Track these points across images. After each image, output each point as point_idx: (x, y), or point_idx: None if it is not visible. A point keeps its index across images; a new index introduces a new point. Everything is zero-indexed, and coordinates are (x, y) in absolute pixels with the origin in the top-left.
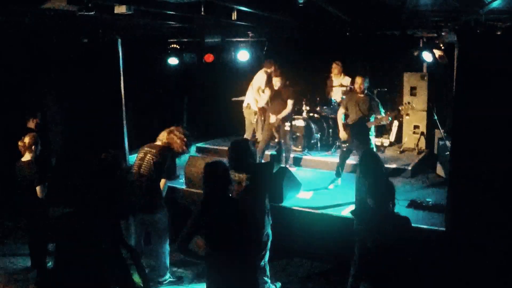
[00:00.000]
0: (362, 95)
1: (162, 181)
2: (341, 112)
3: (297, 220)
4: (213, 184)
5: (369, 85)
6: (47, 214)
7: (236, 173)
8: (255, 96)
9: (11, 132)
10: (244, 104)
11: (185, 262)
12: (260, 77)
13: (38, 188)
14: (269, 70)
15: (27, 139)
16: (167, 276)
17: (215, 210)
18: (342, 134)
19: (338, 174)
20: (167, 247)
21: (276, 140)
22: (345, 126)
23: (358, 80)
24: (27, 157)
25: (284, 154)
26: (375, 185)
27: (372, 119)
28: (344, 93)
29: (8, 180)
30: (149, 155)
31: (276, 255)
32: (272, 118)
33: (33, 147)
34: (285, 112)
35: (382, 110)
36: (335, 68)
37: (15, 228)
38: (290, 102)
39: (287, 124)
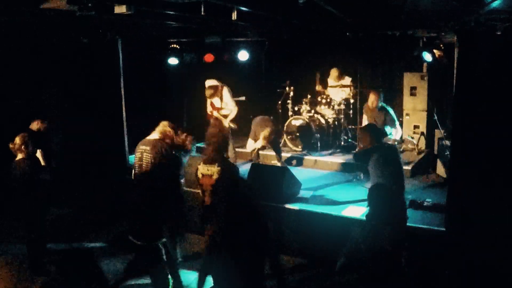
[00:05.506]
0: (376, 110)
1: None
2: (364, 119)
3: (297, 220)
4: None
5: (383, 99)
6: (46, 214)
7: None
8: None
9: (11, 132)
10: None
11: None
12: None
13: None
14: None
15: (17, 140)
16: None
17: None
18: None
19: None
20: None
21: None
22: None
23: (372, 96)
24: (19, 157)
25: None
26: None
27: (387, 132)
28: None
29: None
30: (146, 153)
31: None
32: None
33: (23, 147)
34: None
35: (396, 123)
36: (334, 74)
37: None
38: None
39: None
